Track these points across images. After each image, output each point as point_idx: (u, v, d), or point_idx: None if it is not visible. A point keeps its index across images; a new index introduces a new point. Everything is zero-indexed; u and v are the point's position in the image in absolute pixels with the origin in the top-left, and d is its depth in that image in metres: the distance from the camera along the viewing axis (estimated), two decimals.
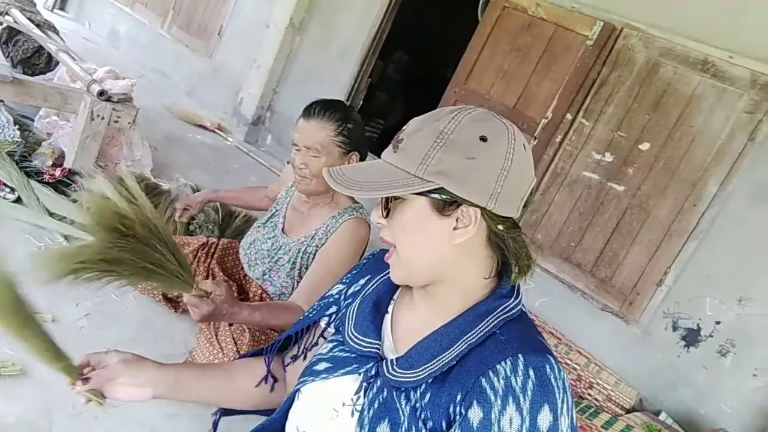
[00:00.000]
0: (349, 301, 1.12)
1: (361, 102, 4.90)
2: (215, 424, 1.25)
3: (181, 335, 2.05)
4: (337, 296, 1.17)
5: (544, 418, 0.79)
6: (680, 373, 2.96)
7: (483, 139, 0.85)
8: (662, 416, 2.86)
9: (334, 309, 1.17)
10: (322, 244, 1.94)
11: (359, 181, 0.89)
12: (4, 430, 1.41)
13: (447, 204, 0.87)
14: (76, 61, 2.95)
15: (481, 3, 4.04)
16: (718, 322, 2.90)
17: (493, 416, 0.80)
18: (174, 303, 2.13)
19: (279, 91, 5.01)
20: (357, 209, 1.99)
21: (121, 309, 2.03)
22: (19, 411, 1.48)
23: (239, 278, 2.17)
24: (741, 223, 2.90)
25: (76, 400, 1.57)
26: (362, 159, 1.98)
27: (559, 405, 0.81)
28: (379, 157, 0.94)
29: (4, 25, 3.40)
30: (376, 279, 1.09)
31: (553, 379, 0.82)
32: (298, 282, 2.02)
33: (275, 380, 1.21)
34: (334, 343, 1.06)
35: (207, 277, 2.11)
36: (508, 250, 0.90)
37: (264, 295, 2.08)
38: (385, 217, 0.94)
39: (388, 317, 1.04)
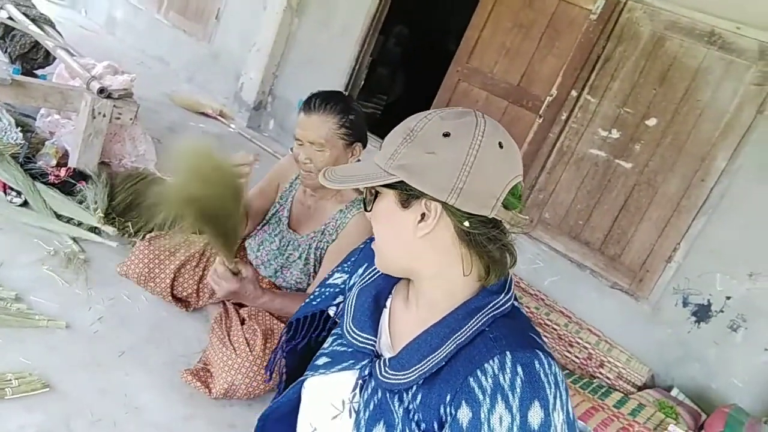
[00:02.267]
0: (350, 292, 1.14)
1: (363, 81, 4.84)
2: None
3: (194, 333, 2.07)
4: (342, 286, 1.19)
5: (535, 414, 0.79)
6: (691, 348, 2.97)
7: (446, 135, 0.87)
8: (674, 392, 2.88)
9: (341, 299, 1.18)
10: (333, 240, 1.95)
11: (339, 174, 0.95)
12: None
13: (409, 197, 0.89)
14: (74, 57, 2.92)
15: None
16: (728, 298, 2.89)
17: (482, 415, 0.80)
18: (184, 302, 2.14)
19: (279, 74, 4.96)
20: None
21: (134, 311, 2.04)
22: (38, 421, 1.49)
23: None
24: (750, 197, 2.87)
25: (94, 407, 1.61)
26: (364, 147, 1.98)
27: (551, 400, 0.80)
28: (382, 136, 0.99)
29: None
30: (373, 267, 1.09)
31: (542, 375, 0.81)
32: (313, 277, 2.03)
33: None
34: (334, 337, 1.08)
35: None
36: (477, 248, 0.90)
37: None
38: (368, 210, 0.98)
39: (386, 312, 1.05)
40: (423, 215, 0.89)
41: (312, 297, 1.23)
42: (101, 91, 2.58)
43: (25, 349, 1.70)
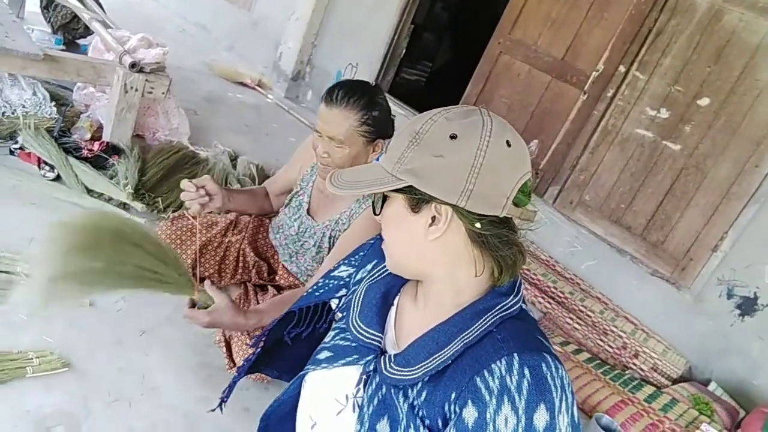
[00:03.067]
0: (357, 287, 1.13)
1: (404, 50, 4.71)
2: (232, 385, 1.34)
3: None
4: (347, 279, 1.18)
5: (541, 417, 0.79)
6: (733, 342, 2.83)
7: (453, 137, 0.86)
8: (711, 386, 2.76)
9: (344, 291, 1.18)
10: (346, 228, 1.90)
11: (346, 180, 0.94)
12: (41, 422, 1.47)
13: (419, 201, 0.89)
14: (109, 29, 2.92)
15: None
16: None
17: (488, 416, 0.80)
18: None
19: (318, 44, 4.87)
20: None
21: None
22: (56, 401, 1.53)
23: (268, 257, 2.17)
24: None
25: (112, 387, 1.63)
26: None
27: (557, 403, 0.80)
28: (420, 109, 0.97)
29: None
30: (383, 264, 1.08)
31: (549, 378, 0.81)
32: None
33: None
34: (336, 331, 1.08)
35: (237, 258, 2.11)
36: (489, 249, 0.89)
37: (290, 278, 2.08)
38: (376, 214, 0.98)
39: (393, 309, 1.04)
40: (433, 219, 0.88)
41: (315, 287, 1.23)
42: (133, 65, 2.58)
43: (48, 326, 1.73)
